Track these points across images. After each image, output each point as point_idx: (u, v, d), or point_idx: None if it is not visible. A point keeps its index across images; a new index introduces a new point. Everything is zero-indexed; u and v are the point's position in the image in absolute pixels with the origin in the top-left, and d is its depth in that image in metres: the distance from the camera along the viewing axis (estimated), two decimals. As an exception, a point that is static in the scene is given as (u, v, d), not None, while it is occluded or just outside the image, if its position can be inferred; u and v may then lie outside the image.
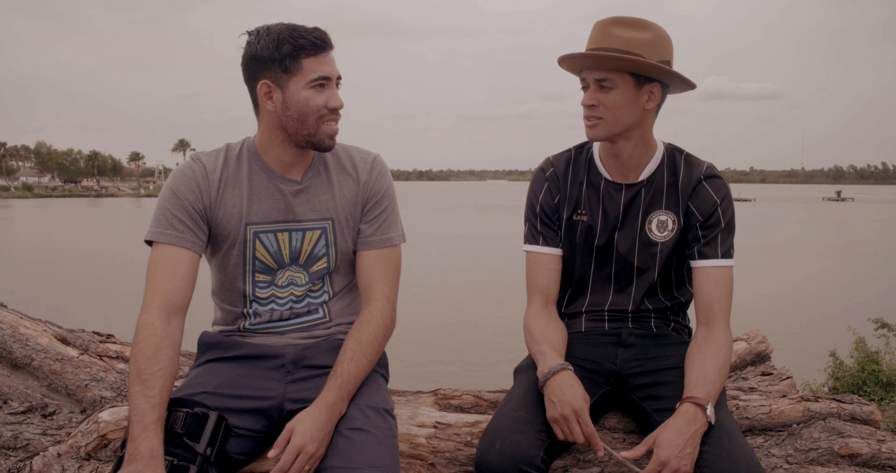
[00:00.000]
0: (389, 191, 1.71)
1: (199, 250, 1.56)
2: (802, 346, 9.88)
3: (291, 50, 1.48)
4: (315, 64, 1.51)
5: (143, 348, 1.40)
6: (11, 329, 2.09)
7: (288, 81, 1.51)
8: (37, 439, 1.84)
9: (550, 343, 1.68)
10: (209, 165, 1.59)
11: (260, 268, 1.62)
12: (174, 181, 1.57)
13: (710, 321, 1.65)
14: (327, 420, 1.44)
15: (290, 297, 1.65)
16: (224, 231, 1.60)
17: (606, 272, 1.79)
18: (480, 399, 1.91)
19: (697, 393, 1.50)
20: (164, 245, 1.52)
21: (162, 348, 1.41)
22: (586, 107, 1.66)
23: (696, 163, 1.74)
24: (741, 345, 2.39)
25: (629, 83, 1.62)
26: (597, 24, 1.66)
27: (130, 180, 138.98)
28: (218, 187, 1.58)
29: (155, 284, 1.48)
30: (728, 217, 1.70)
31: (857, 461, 1.70)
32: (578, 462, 1.70)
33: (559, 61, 1.70)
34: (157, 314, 1.45)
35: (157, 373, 1.37)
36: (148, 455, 1.29)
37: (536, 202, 1.82)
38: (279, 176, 1.61)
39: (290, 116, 1.53)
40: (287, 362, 1.60)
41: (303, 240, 1.63)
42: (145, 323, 1.44)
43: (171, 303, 1.48)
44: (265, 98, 1.54)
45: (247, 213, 1.59)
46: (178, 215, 1.53)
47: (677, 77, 1.64)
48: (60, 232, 37.66)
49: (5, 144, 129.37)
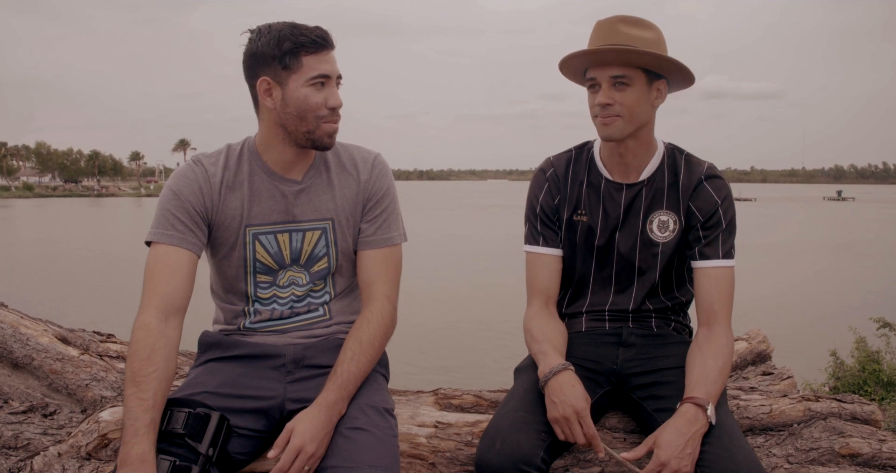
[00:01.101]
0: (390, 190, 1.70)
1: (198, 251, 1.55)
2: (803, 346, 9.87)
3: (292, 47, 1.48)
4: (315, 62, 1.50)
5: (138, 349, 1.39)
6: (12, 329, 2.09)
7: (287, 79, 1.50)
8: (37, 438, 1.84)
9: (551, 343, 1.67)
10: (210, 168, 1.58)
11: (261, 269, 1.62)
12: (175, 183, 1.56)
13: (711, 322, 1.64)
14: (327, 419, 1.43)
15: (291, 297, 1.65)
16: (224, 233, 1.59)
17: (607, 273, 1.79)
18: (481, 399, 1.91)
19: (698, 393, 1.50)
20: (163, 246, 1.50)
21: (157, 349, 1.39)
22: (601, 106, 1.63)
23: (696, 163, 1.73)
24: (742, 345, 2.39)
25: (643, 80, 1.62)
26: (601, 23, 1.65)
27: (131, 180, 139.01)
28: (220, 190, 1.57)
29: (153, 284, 1.47)
30: (729, 218, 1.69)
31: (857, 460, 1.70)
32: (579, 462, 1.70)
33: (564, 62, 1.68)
34: (155, 315, 1.43)
35: (151, 375, 1.36)
36: (138, 459, 1.27)
37: (536, 203, 1.82)
38: (280, 177, 1.61)
39: (290, 114, 1.52)
40: (287, 361, 1.60)
41: (303, 241, 1.63)
42: (141, 324, 1.42)
43: (169, 303, 1.46)
44: (265, 95, 1.53)
45: (247, 215, 1.59)
46: (179, 216, 1.53)
47: (687, 74, 1.64)
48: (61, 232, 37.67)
49: (6, 144, 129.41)
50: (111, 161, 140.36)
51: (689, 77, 1.66)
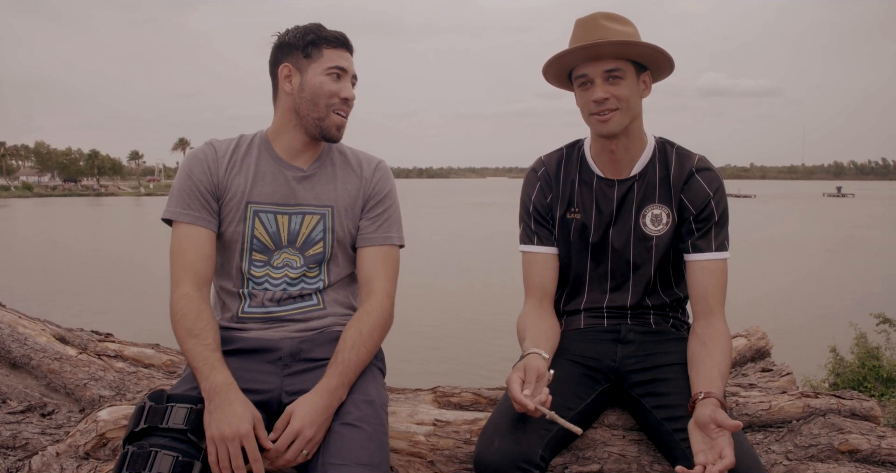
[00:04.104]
0: (392, 193, 1.77)
1: (214, 228, 1.65)
2: (803, 342, 9.88)
3: (315, 39, 1.62)
4: (335, 55, 1.64)
5: (185, 313, 1.53)
6: (10, 328, 2.09)
7: (308, 66, 1.63)
8: (35, 438, 1.84)
9: (531, 335, 1.65)
10: (220, 149, 1.69)
11: (258, 246, 1.67)
12: (188, 164, 1.67)
13: (707, 314, 1.64)
14: (327, 404, 1.45)
15: (284, 279, 1.68)
16: (228, 208, 1.67)
17: (603, 269, 1.79)
18: (480, 397, 1.91)
19: (714, 389, 1.46)
20: (184, 225, 1.62)
21: (202, 310, 1.54)
22: (597, 102, 1.62)
23: (687, 155, 1.73)
24: (741, 341, 2.39)
25: (633, 72, 1.64)
26: (582, 21, 1.65)
27: (130, 179, 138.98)
28: (227, 169, 1.67)
29: (182, 261, 1.59)
30: (721, 210, 1.69)
31: (856, 457, 1.70)
32: (578, 459, 1.70)
33: (554, 61, 1.66)
34: (191, 286, 1.57)
35: (206, 328, 1.51)
36: (225, 384, 1.41)
37: (529, 202, 1.82)
38: (286, 163, 1.70)
39: (304, 98, 1.63)
40: (284, 355, 1.62)
41: (301, 223, 1.68)
42: (182, 294, 1.55)
43: (200, 277, 1.59)
44: (284, 80, 1.65)
45: (250, 192, 1.66)
46: (195, 195, 1.64)
47: (671, 65, 1.66)
48: (60, 231, 37.66)
49: (5, 144, 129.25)
50: (110, 161, 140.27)
51: (671, 68, 1.68)
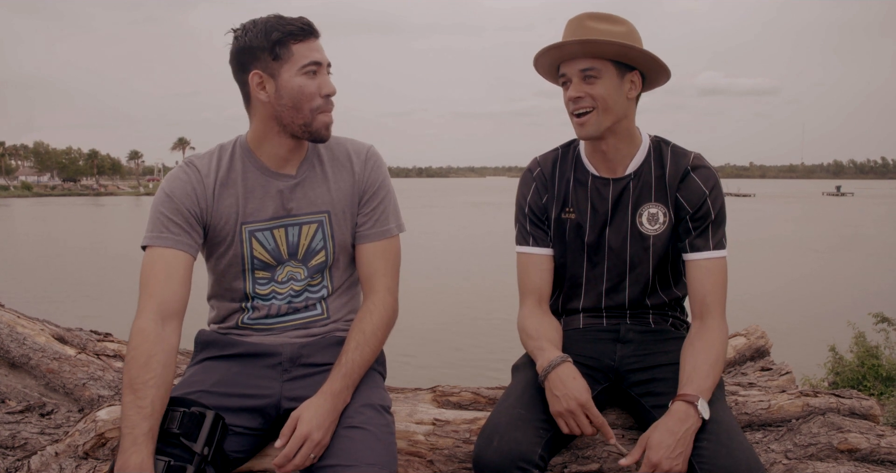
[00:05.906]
0: (385, 182, 1.70)
1: (193, 252, 1.54)
2: (802, 341, 9.89)
3: (280, 36, 1.47)
4: (305, 50, 1.50)
5: (135, 355, 1.38)
6: (9, 328, 2.08)
7: (280, 69, 1.49)
8: (34, 438, 1.84)
9: (547, 338, 1.67)
10: (203, 169, 1.58)
11: (259, 265, 1.62)
12: (169, 185, 1.55)
13: (704, 315, 1.64)
14: (333, 408, 1.44)
15: (289, 292, 1.64)
16: (221, 233, 1.59)
17: (599, 270, 1.78)
18: (479, 396, 1.91)
19: (688, 390, 1.50)
20: (157, 249, 1.49)
21: (154, 355, 1.38)
22: (573, 100, 1.63)
23: (682, 153, 1.72)
24: (740, 340, 2.39)
25: (612, 72, 1.62)
26: (571, 21, 1.66)
27: (130, 179, 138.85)
28: (213, 191, 1.57)
29: (149, 289, 1.45)
30: (718, 207, 1.68)
31: (856, 456, 1.70)
32: (577, 459, 1.70)
33: (535, 60, 1.68)
34: (152, 319, 1.42)
35: (149, 381, 1.35)
36: (137, 469, 1.27)
37: (525, 203, 1.81)
38: (273, 172, 1.60)
39: (285, 105, 1.51)
40: (284, 360, 1.60)
41: (299, 235, 1.62)
42: (138, 330, 1.41)
43: (166, 307, 1.44)
44: (258, 89, 1.52)
45: (242, 213, 1.58)
46: (173, 218, 1.52)
47: (659, 64, 1.63)
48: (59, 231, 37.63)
49: (4, 144, 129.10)
50: (110, 160, 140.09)
51: (663, 68, 1.65)
